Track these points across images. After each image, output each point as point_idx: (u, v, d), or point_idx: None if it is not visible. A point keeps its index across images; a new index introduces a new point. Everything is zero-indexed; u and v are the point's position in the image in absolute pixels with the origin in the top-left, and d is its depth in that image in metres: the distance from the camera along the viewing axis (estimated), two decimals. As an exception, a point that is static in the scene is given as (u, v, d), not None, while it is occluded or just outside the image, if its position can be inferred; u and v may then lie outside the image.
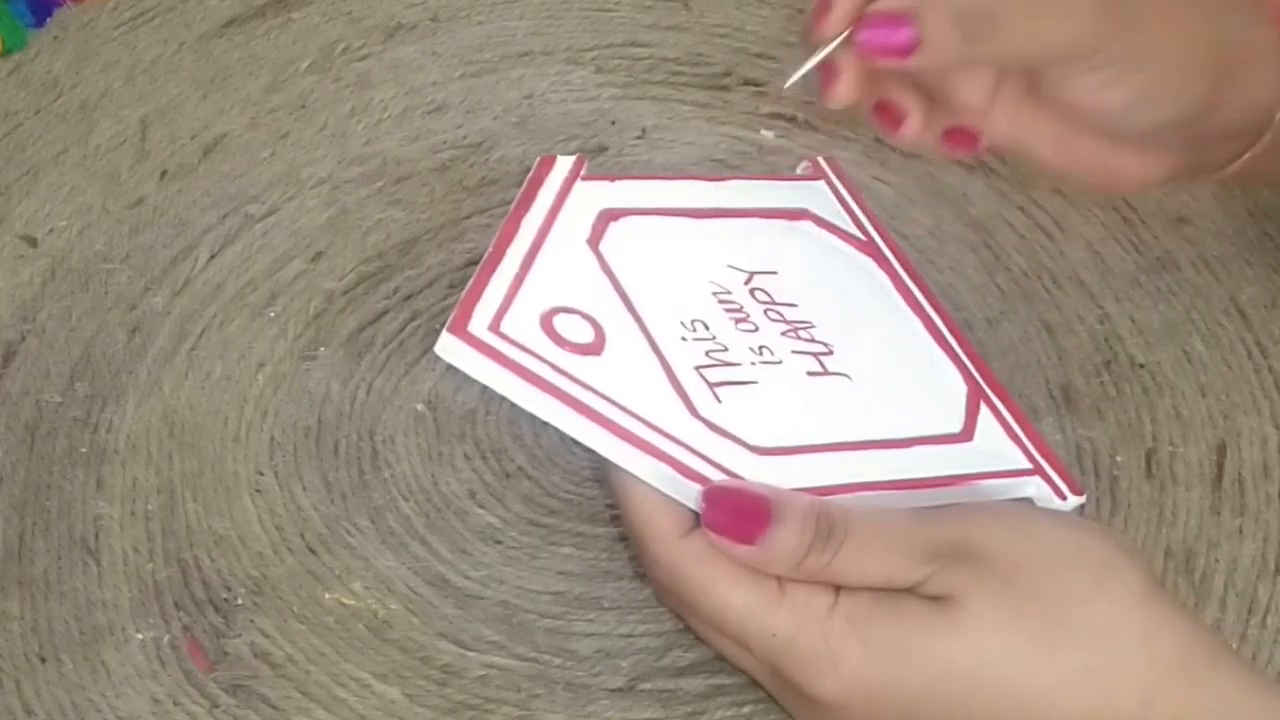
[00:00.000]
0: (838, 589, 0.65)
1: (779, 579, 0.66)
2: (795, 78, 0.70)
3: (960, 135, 0.72)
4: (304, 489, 0.76)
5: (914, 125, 0.71)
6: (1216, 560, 0.75)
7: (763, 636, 0.66)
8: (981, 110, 0.72)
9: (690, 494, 0.67)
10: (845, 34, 0.69)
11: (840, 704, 0.65)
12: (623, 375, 0.69)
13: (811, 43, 0.70)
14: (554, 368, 0.68)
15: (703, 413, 0.69)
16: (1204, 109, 0.72)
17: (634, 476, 0.67)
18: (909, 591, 0.65)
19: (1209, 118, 0.72)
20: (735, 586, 0.66)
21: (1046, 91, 0.71)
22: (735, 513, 0.66)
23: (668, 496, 0.67)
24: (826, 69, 0.70)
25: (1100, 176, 0.74)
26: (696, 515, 0.67)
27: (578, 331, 0.69)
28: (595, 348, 0.69)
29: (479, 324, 0.68)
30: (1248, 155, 0.74)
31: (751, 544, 0.65)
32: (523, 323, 0.69)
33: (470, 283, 0.69)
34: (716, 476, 0.67)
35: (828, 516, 0.65)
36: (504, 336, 0.68)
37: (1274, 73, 0.73)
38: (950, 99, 0.72)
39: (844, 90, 0.70)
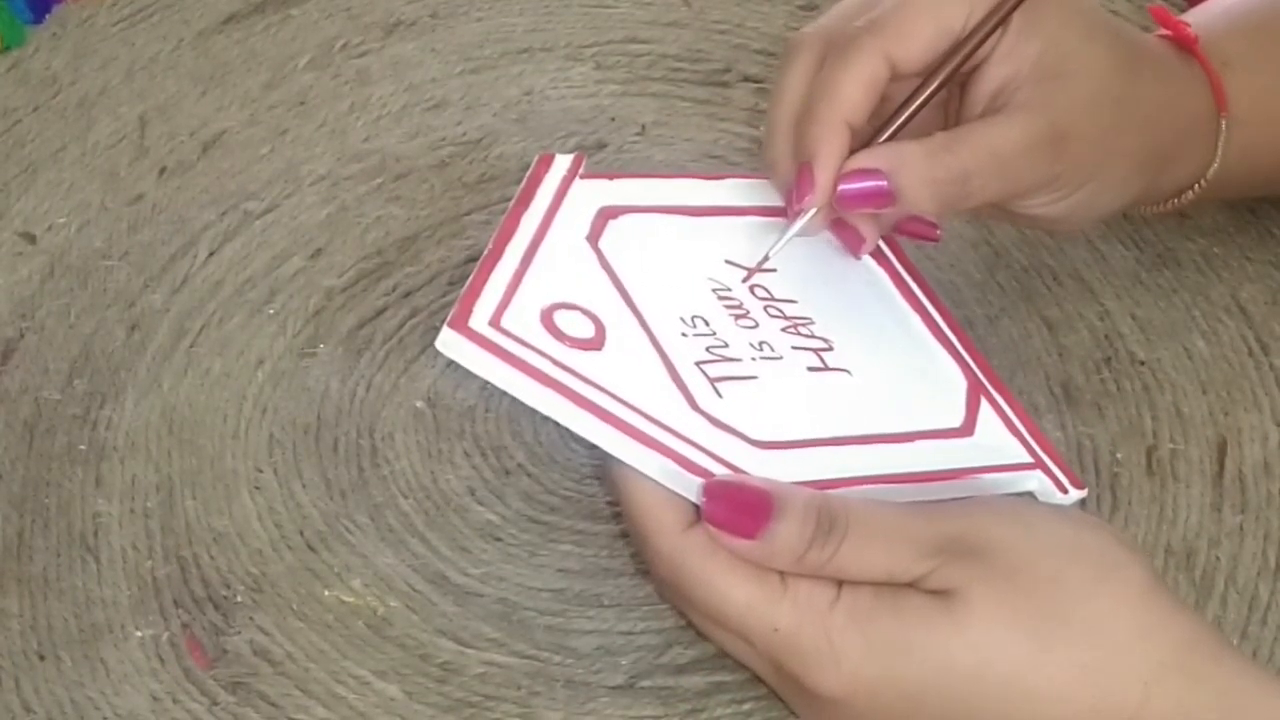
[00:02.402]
0: (840, 584, 0.65)
1: (781, 573, 0.66)
2: (778, 246, 0.74)
3: (918, 226, 0.76)
4: (303, 486, 0.76)
5: (870, 246, 0.75)
6: (1217, 558, 0.75)
7: (764, 631, 0.66)
8: None
9: (692, 487, 0.67)
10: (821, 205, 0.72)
11: (842, 699, 0.65)
12: (624, 370, 0.69)
13: (793, 213, 0.73)
14: (555, 362, 0.67)
15: (704, 407, 0.69)
16: (1139, 199, 0.77)
17: (635, 471, 0.67)
18: (911, 586, 0.65)
19: (1142, 198, 0.77)
20: (737, 581, 0.66)
21: None
22: (736, 507, 0.66)
23: (669, 491, 0.67)
24: (851, 235, 0.74)
25: (1030, 227, 0.81)
26: (698, 509, 0.67)
27: (578, 327, 0.69)
28: (596, 343, 0.69)
29: (479, 319, 0.68)
30: (1170, 204, 0.79)
31: (752, 538, 0.65)
32: (523, 318, 0.68)
33: (470, 279, 0.69)
34: (718, 470, 0.67)
35: (829, 511, 0.65)
36: (505, 332, 0.68)
37: (1207, 144, 0.77)
38: None
39: (871, 244, 0.75)
